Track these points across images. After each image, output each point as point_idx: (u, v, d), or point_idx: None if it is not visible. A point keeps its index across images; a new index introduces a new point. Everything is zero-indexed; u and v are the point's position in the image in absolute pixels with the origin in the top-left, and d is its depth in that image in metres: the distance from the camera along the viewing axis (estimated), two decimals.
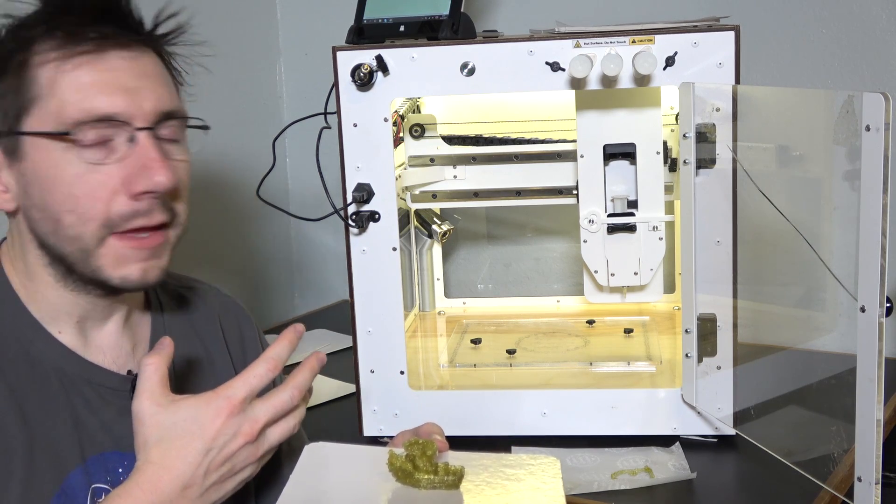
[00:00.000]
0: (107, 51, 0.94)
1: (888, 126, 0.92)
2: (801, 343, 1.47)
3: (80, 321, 1.01)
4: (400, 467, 0.91)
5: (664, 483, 1.27)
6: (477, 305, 1.86)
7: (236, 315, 1.20)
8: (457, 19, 1.35)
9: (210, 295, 1.19)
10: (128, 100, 0.94)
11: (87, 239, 0.94)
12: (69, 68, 0.93)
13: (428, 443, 0.93)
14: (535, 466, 0.96)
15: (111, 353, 1.04)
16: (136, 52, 0.96)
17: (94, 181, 0.93)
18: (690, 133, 1.28)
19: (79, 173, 0.93)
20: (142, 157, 0.94)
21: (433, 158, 1.63)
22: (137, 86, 0.95)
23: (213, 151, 2.02)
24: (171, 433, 0.88)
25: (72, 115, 0.92)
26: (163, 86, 0.98)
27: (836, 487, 1.16)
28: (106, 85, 0.93)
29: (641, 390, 1.41)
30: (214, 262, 2.07)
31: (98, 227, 0.94)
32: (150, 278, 0.97)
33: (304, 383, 0.94)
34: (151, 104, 0.95)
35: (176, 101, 1.00)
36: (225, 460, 0.89)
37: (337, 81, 1.35)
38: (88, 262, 0.95)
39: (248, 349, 1.19)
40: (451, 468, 0.91)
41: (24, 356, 0.98)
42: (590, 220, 1.50)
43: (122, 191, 0.94)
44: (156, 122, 0.96)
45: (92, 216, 0.93)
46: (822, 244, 1.18)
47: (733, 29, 1.27)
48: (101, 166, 0.93)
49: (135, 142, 0.94)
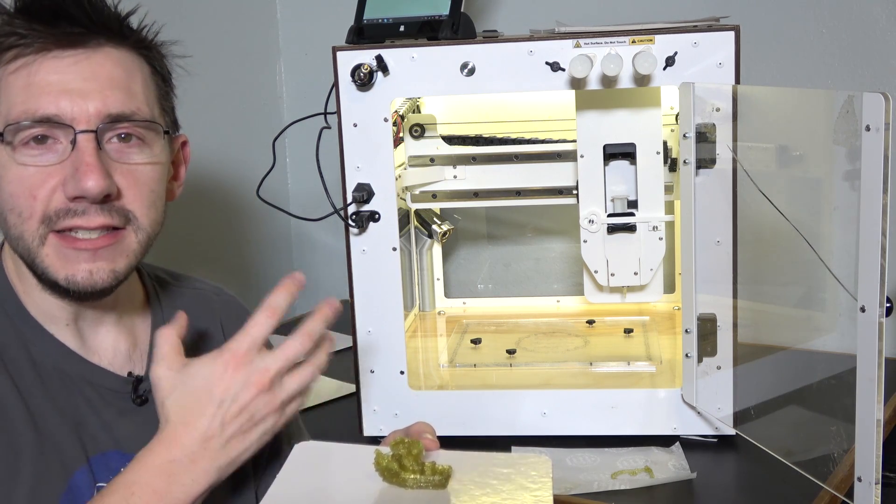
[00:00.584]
0: (55, 49, 0.93)
1: (888, 126, 0.92)
2: (801, 343, 1.47)
3: (72, 322, 1.01)
4: (386, 467, 0.91)
5: (664, 483, 1.26)
6: (477, 305, 1.86)
7: (238, 316, 1.19)
8: (457, 19, 1.35)
9: (212, 294, 1.19)
10: (70, 102, 0.92)
11: (28, 238, 0.93)
12: (16, 67, 0.92)
13: (414, 442, 0.92)
14: (526, 466, 0.95)
15: (108, 353, 1.03)
16: (89, 52, 0.94)
17: (34, 181, 0.92)
18: (690, 133, 1.28)
19: (18, 173, 0.92)
20: (76, 160, 0.92)
21: (433, 158, 1.63)
22: (83, 87, 0.93)
23: (213, 151, 2.03)
24: (185, 392, 0.91)
25: (14, 115, 0.92)
26: (115, 88, 0.95)
27: (836, 487, 1.16)
28: (49, 86, 0.92)
29: (641, 390, 1.41)
30: (214, 262, 2.07)
31: (37, 225, 0.93)
32: (98, 281, 0.95)
33: (314, 330, 0.95)
34: (96, 106, 0.93)
35: (133, 104, 0.96)
36: (240, 410, 0.91)
37: (337, 81, 1.35)
38: (36, 263, 0.95)
39: None
40: (437, 467, 0.91)
41: (25, 355, 0.98)
42: (590, 220, 1.50)
43: (61, 190, 0.93)
44: (101, 124, 0.93)
45: (30, 214, 0.93)
46: (822, 244, 1.18)
47: (733, 29, 1.27)
48: (41, 168, 0.92)
49: (76, 144, 0.93)
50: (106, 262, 0.95)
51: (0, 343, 0.97)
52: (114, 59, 0.96)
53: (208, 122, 1.99)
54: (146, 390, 1.03)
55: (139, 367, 1.05)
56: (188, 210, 1.91)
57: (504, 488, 0.91)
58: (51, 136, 0.93)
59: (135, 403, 1.03)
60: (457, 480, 0.92)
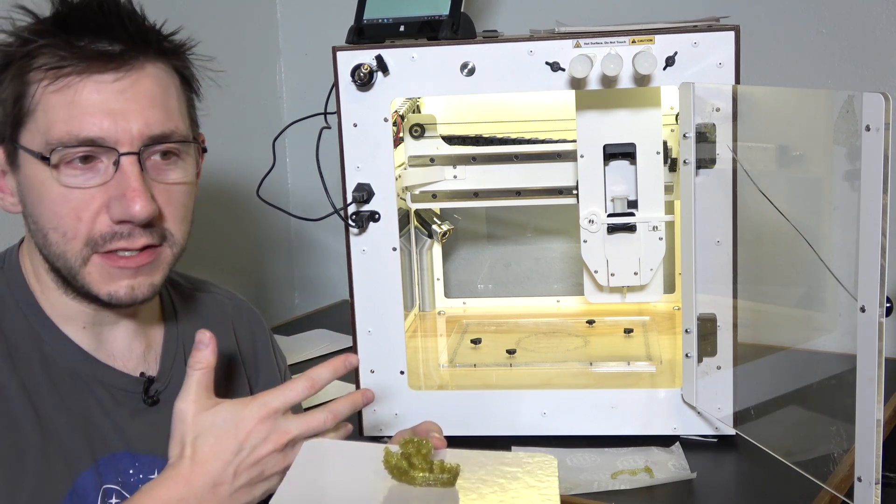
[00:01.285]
0: (96, 70, 0.93)
1: (888, 126, 0.92)
2: (801, 343, 1.47)
3: (90, 325, 1.01)
4: (395, 465, 0.91)
5: (664, 483, 1.26)
6: (477, 305, 1.86)
7: (249, 320, 1.20)
8: (457, 19, 1.35)
9: (224, 299, 1.19)
10: (113, 123, 0.92)
11: (71, 257, 0.94)
12: (59, 87, 0.92)
13: (423, 441, 0.93)
14: (532, 464, 0.96)
15: (123, 355, 1.04)
16: (127, 71, 0.94)
17: (78, 202, 0.93)
18: (690, 133, 1.28)
19: (62, 193, 0.93)
20: (122, 184, 0.93)
21: (433, 158, 1.63)
22: (125, 108, 0.93)
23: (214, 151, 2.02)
24: (207, 431, 0.91)
25: (56, 135, 0.92)
26: (155, 107, 0.95)
27: (836, 487, 1.16)
28: (92, 106, 0.92)
29: (641, 390, 1.41)
30: (214, 262, 2.07)
31: (81, 246, 0.94)
32: (138, 295, 0.97)
33: (341, 412, 0.97)
34: (139, 128, 0.93)
35: (172, 122, 0.97)
36: (254, 463, 0.92)
37: (337, 81, 1.35)
38: (77, 279, 0.96)
39: (259, 355, 1.19)
40: (446, 466, 0.92)
41: (38, 355, 0.98)
42: (590, 220, 1.50)
43: (105, 213, 0.93)
44: (143, 146, 0.94)
45: (74, 235, 0.93)
46: (822, 244, 1.18)
47: (733, 29, 1.27)
48: (84, 189, 0.93)
49: (119, 166, 0.93)
50: (146, 278, 0.97)
51: (13, 341, 0.98)
52: (153, 76, 0.96)
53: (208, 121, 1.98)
54: (157, 391, 1.04)
55: (152, 368, 1.06)
56: None
57: (511, 486, 0.92)
58: (93, 156, 0.93)
59: (146, 404, 1.03)
60: (464, 478, 0.92)
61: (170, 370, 1.07)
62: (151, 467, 1.01)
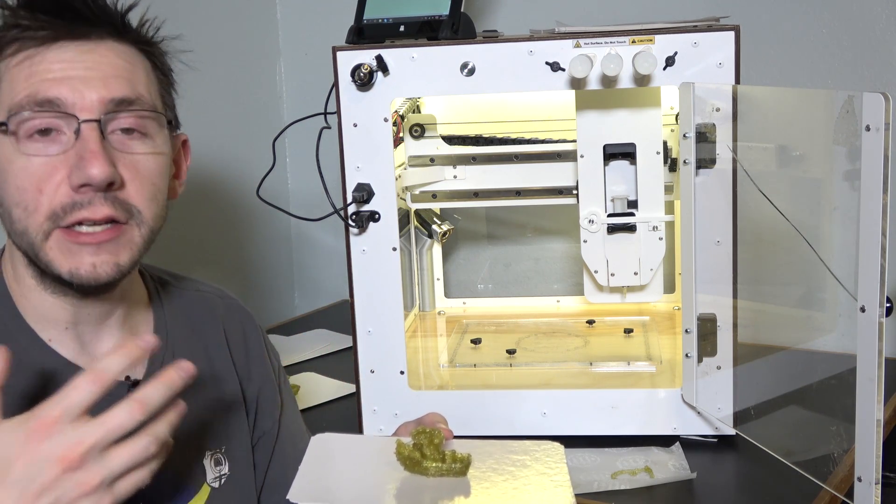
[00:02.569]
0: (58, 41, 0.93)
1: (888, 126, 0.92)
2: (801, 343, 1.47)
3: (71, 327, 0.99)
4: (408, 456, 0.92)
5: (664, 483, 1.27)
6: (477, 305, 1.86)
7: (240, 319, 1.19)
8: (457, 19, 1.35)
9: (214, 297, 1.18)
10: (72, 89, 0.91)
11: (33, 232, 0.92)
12: (20, 59, 0.92)
13: (435, 431, 0.94)
14: (540, 452, 0.97)
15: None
16: (93, 43, 0.94)
17: (40, 173, 0.91)
18: (690, 133, 1.28)
19: (24, 166, 0.91)
20: (80, 149, 0.91)
21: (433, 158, 1.63)
22: (86, 75, 0.92)
23: (214, 151, 2.03)
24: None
25: (17, 101, 0.91)
26: (118, 77, 0.94)
27: (836, 487, 1.16)
28: (52, 72, 0.92)
29: (641, 390, 1.41)
30: (214, 262, 2.08)
31: (43, 220, 0.92)
32: (101, 274, 0.93)
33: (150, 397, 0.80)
34: (99, 94, 0.92)
35: (135, 91, 0.95)
36: (41, 492, 0.75)
37: (337, 81, 1.35)
38: (39, 257, 0.93)
39: (251, 353, 1.18)
40: (458, 456, 0.92)
41: (19, 366, 0.96)
42: (590, 220, 1.50)
43: (66, 183, 0.92)
44: (104, 112, 0.93)
45: (35, 208, 0.92)
46: (822, 244, 1.18)
47: (733, 29, 1.27)
48: (46, 158, 0.91)
49: (79, 134, 0.92)
50: (109, 255, 0.94)
51: None
52: (117, 51, 0.96)
53: (208, 121, 1.98)
54: None
55: (139, 371, 1.04)
56: (188, 210, 1.91)
57: (522, 474, 0.93)
58: (54, 127, 0.92)
59: None
60: (475, 468, 0.93)
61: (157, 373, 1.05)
62: None
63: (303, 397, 1.60)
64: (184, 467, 1.04)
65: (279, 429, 1.18)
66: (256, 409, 1.16)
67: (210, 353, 1.12)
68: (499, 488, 0.90)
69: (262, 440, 1.17)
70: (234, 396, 1.13)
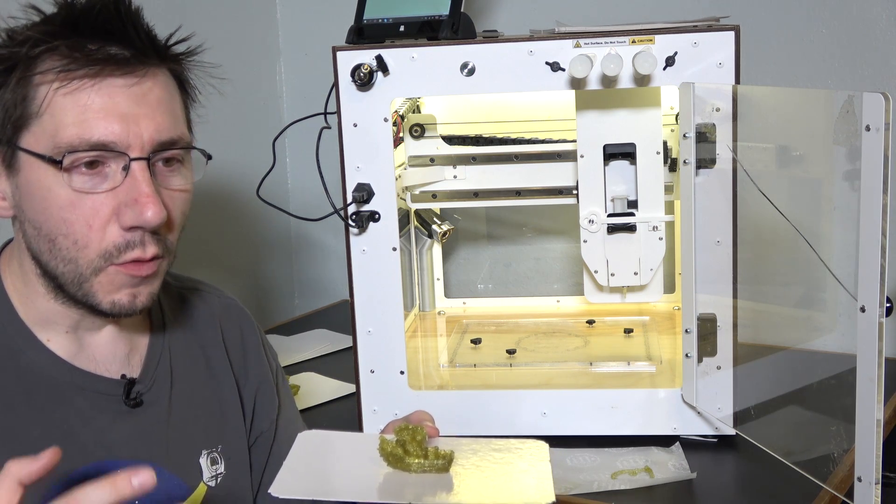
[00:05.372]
0: (108, 75, 0.92)
1: (888, 126, 0.92)
2: (801, 343, 1.47)
3: (71, 329, 1.00)
4: (391, 452, 0.92)
5: (664, 483, 1.27)
6: (477, 305, 1.86)
7: (238, 318, 1.19)
8: (457, 19, 1.35)
9: (212, 297, 1.18)
10: (124, 127, 0.91)
11: (83, 264, 0.93)
12: (68, 90, 0.91)
13: (417, 428, 0.94)
14: (524, 450, 0.98)
15: (105, 358, 1.02)
16: (139, 77, 0.93)
17: (87, 208, 0.92)
18: (690, 133, 1.28)
19: (70, 199, 0.91)
20: (133, 189, 0.92)
21: (433, 158, 1.63)
22: (136, 112, 0.92)
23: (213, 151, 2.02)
24: None
25: (66, 139, 0.90)
26: (164, 113, 0.95)
27: (836, 487, 1.16)
28: (103, 110, 0.91)
29: (641, 390, 1.41)
30: (214, 262, 2.08)
31: (95, 257, 0.93)
32: (138, 304, 0.96)
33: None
34: (149, 133, 0.93)
35: (178, 128, 0.97)
36: None
37: (337, 81, 1.35)
38: (82, 286, 0.94)
39: (248, 353, 1.18)
40: (440, 452, 0.93)
41: (13, 366, 0.96)
42: (590, 220, 1.50)
43: (115, 220, 0.92)
44: (152, 151, 0.93)
45: (86, 243, 0.92)
46: (822, 244, 1.18)
47: (733, 29, 1.27)
48: (93, 195, 0.92)
49: (129, 171, 0.92)
50: (147, 287, 0.97)
51: None
52: (161, 82, 0.96)
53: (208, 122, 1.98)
54: (139, 393, 1.02)
55: (135, 370, 1.04)
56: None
57: (506, 471, 0.93)
58: (102, 161, 0.92)
59: (127, 406, 1.01)
60: (459, 464, 0.94)
61: (153, 371, 1.05)
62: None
63: (303, 397, 1.60)
64: (180, 465, 1.04)
65: (276, 430, 1.18)
66: (253, 409, 1.17)
67: (207, 353, 1.13)
68: (481, 485, 0.91)
69: (258, 440, 1.17)
70: (230, 396, 1.13)
